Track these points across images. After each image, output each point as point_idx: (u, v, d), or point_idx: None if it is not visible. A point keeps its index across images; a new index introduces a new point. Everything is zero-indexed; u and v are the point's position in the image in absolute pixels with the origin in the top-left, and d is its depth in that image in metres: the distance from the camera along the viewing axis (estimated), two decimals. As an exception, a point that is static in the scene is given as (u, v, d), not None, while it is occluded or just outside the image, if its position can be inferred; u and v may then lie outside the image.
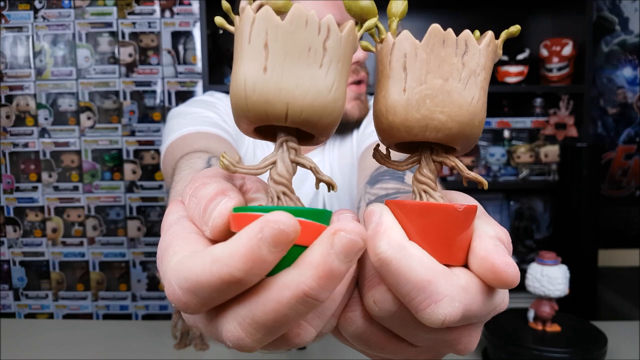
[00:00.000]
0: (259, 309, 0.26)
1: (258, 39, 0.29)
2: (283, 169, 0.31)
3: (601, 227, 2.18)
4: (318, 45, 0.29)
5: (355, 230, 0.25)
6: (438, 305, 0.27)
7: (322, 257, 0.25)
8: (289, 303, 0.25)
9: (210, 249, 0.26)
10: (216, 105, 1.01)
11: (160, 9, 2.31)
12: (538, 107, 2.22)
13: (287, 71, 0.29)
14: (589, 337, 0.84)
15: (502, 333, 0.85)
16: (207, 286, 0.26)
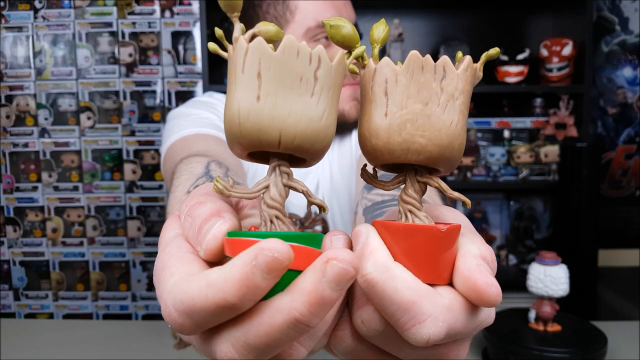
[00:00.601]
0: (251, 332, 0.27)
1: (251, 68, 0.30)
2: (276, 193, 0.32)
3: (601, 227, 2.19)
4: (309, 74, 0.30)
5: (347, 259, 0.26)
6: (422, 325, 0.28)
7: (314, 284, 0.26)
8: (280, 327, 0.26)
9: (206, 273, 0.27)
10: (215, 106, 1.02)
11: (160, 9, 2.31)
12: (538, 107, 2.22)
13: (280, 100, 0.30)
14: (589, 337, 0.84)
15: (501, 333, 0.85)
16: (202, 310, 0.26)
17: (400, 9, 2.27)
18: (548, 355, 0.79)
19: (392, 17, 2.12)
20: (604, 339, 0.83)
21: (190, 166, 0.66)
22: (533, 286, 0.87)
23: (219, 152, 0.78)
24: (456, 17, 2.31)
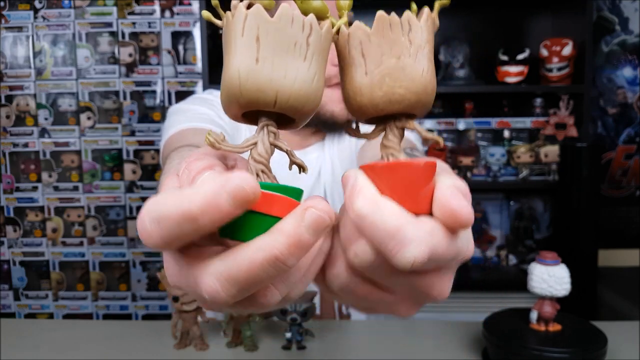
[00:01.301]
0: (234, 266, 0.30)
1: (250, 33, 0.32)
2: (262, 150, 0.35)
3: (601, 227, 2.19)
4: (302, 40, 0.33)
5: (324, 209, 0.30)
6: (407, 249, 0.30)
7: (293, 228, 0.29)
8: (261, 264, 0.29)
9: (180, 189, 0.30)
10: (213, 103, 1.05)
11: (160, 9, 2.31)
12: (538, 107, 2.22)
13: (277, 63, 0.33)
14: (589, 337, 0.84)
15: (501, 333, 0.85)
16: (168, 218, 0.29)
17: (400, 9, 2.26)
18: (548, 355, 0.79)
19: (392, 17, 2.12)
20: (604, 339, 0.83)
21: (182, 152, 0.68)
22: (536, 287, 0.86)
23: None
24: (456, 17, 2.31)
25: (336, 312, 1.19)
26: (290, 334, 0.92)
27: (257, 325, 0.93)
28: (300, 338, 0.92)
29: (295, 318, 0.89)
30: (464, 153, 2.11)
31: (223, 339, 0.94)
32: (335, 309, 1.20)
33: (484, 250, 2.23)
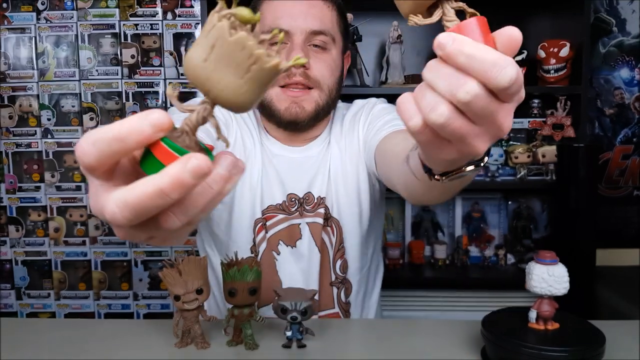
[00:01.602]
0: (129, 194, 0.38)
1: (211, 39, 0.40)
2: (194, 118, 0.42)
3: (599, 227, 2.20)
4: (245, 65, 0.40)
5: (204, 160, 0.38)
6: (505, 70, 0.41)
7: (177, 170, 0.37)
8: (149, 194, 0.37)
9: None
10: None
11: (162, 11, 2.33)
12: (535, 108, 2.23)
13: (218, 70, 0.40)
14: (587, 336, 0.84)
15: (500, 332, 0.85)
16: (102, 139, 0.39)
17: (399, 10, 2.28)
18: (546, 354, 0.79)
19: (391, 19, 2.13)
20: (602, 338, 0.83)
21: None
22: (537, 286, 0.85)
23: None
24: (455, 18, 2.32)
25: (335, 302, 1.21)
26: (290, 333, 0.92)
27: (258, 324, 0.94)
28: (300, 337, 0.93)
29: (295, 317, 0.90)
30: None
31: (224, 337, 0.94)
32: (334, 299, 1.22)
33: (482, 249, 2.25)
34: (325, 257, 1.20)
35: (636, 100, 2.36)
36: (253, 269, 0.89)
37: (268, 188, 1.19)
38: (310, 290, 0.94)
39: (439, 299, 2.24)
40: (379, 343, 0.97)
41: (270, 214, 1.19)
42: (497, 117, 0.45)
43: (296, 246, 1.20)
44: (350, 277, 1.24)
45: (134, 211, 0.38)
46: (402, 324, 1.11)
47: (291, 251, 1.20)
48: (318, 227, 1.20)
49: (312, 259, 1.19)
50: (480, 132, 0.46)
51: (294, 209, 1.20)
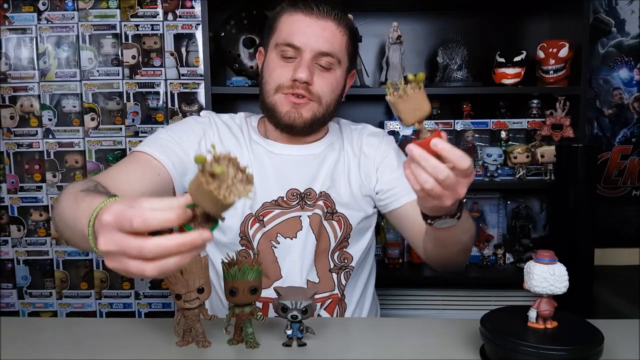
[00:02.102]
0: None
1: (196, 181, 0.63)
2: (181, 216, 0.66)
3: (597, 227, 2.21)
4: (214, 201, 0.62)
5: (200, 236, 0.64)
6: (466, 161, 0.81)
7: (178, 240, 0.63)
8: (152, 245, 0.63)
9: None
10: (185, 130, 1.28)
11: (163, 11, 2.34)
12: (534, 108, 2.24)
13: (201, 199, 0.63)
14: (586, 335, 0.84)
15: (498, 330, 0.85)
16: (156, 218, 0.65)
17: (399, 11, 2.29)
18: (545, 352, 0.79)
19: (391, 20, 2.14)
20: (600, 337, 0.83)
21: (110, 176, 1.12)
22: (538, 286, 0.85)
23: (122, 184, 1.09)
24: (454, 19, 2.33)
25: (335, 284, 1.28)
26: (291, 332, 0.93)
27: (259, 323, 0.95)
28: (300, 335, 0.93)
29: (295, 315, 0.91)
30: (462, 153, 2.13)
31: (225, 336, 0.95)
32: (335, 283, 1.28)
33: (481, 249, 2.25)
34: (324, 245, 1.27)
35: (635, 100, 2.37)
36: (254, 268, 0.90)
37: (262, 187, 1.26)
38: (310, 289, 0.95)
39: (438, 298, 2.25)
40: (379, 342, 0.98)
41: (265, 211, 1.25)
42: (457, 188, 0.85)
43: (296, 237, 1.26)
44: (349, 266, 1.31)
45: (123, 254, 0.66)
46: (402, 322, 1.12)
47: (290, 242, 1.25)
48: (317, 218, 1.26)
49: (308, 246, 1.25)
50: (449, 194, 0.85)
51: (294, 202, 1.27)
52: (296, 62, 1.20)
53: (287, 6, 1.24)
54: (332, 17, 1.21)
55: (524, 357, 0.81)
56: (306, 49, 1.19)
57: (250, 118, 1.39)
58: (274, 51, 1.23)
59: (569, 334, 0.85)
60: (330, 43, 1.21)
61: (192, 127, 1.29)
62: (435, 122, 2.21)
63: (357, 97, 2.29)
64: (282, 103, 1.23)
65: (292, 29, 1.20)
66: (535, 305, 0.87)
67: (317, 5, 1.20)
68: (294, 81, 1.20)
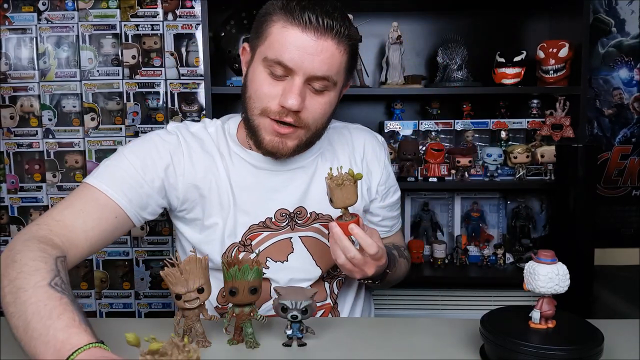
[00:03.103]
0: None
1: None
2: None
3: (597, 227, 2.21)
4: None
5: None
6: (374, 247, 1.01)
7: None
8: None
9: None
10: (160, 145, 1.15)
11: (163, 11, 2.34)
12: (534, 108, 2.24)
13: None
14: (586, 335, 0.84)
15: (498, 330, 0.85)
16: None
17: (399, 11, 2.29)
18: (545, 352, 0.79)
19: (390, 20, 2.14)
20: (600, 336, 0.83)
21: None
22: (544, 287, 0.83)
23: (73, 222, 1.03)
24: (454, 19, 2.33)
25: (327, 294, 1.25)
26: (291, 331, 0.93)
27: (259, 323, 0.95)
28: (301, 335, 0.94)
29: (295, 315, 0.91)
30: (462, 153, 2.14)
31: (225, 336, 0.95)
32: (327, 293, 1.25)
33: (481, 249, 2.25)
34: (327, 262, 1.22)
35: (635, 100, 2.37)
36: (254, 268, 0.90)
37: (248, 208, 1.17)
38: (310, 290, 0.95)
39: (438, 298, 2.25)
40: (379, 342, 0.98)
41: (253, 234, 1.18)
42: (364, 267, 1.03)
43: (288, 260, 1.20)
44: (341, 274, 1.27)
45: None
46: (402, 322, 1.12)
47: (281, 266, 1.20)
48: (313, 241, 1.21)
49: (311, 274, 1.21)
50: (357, 270, 1.04)
51: (284, 223, 1.19)
52: (286, 84, 1.05)
53: (281, 12, 1.03)
54: (332, 35, 1.02)
55: (524, 357, 0.81)
56: (299, 72, 1.03)
57: (228, 123, 1.23)
58: (261, 64, 1.06)
59: (569, 334, 0.85)
60: (328, 66, 1.04)
61: (159, 151, 1.14)
62: (435, 122, 2.21)
63: (357, 97, 2.30)
64: (267, 129, 1.09)
65: (285, 46, 1.02)
66: (538, 306, 0.86)
67: (317, 19, 1.01)
68: (282, 107, 1.05)
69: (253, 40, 1.11)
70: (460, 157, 2.13)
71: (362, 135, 1.33)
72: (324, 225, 1.21)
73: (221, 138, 1.21)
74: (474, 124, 2.22)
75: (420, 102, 2.39)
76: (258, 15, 1.10)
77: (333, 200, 0.99)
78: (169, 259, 0.89)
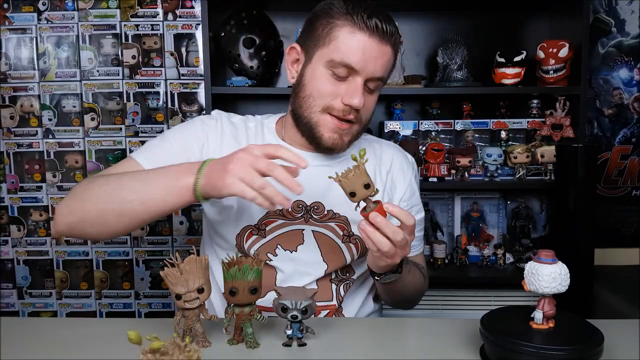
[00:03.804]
0: None
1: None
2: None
3: (597, 227, 2.21)
4: None
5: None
6: (412, 217, 1.00)
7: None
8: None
9: None
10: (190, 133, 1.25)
11: (163, 11, 2.34)
12: (534, 108, 2.24)
13: None
14: (586, 335, 0.84)
15: (498, 330, 0.85)
16: None
17: (399, 11, 2.29)
18: (545, 352, 0.79)
19: (391, 20, 2.14)
20: (600, 337, 0.83)
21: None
22: (548, 287, 0.83)
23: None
24: (454, 19, 2.33)
25: (333, 295, 1.25)
26: (291, 331, 0.93)
27: (259, 323, 0.95)
28: (301, 335, 0.93)
29: (295, 315, 0.91)
30: (462, 153, 2.14)
31: (225, 336, 0.94)
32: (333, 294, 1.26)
33: (481, 249, 2.25)
34: (337, 263, 1.24)
35: (635, 100, 2.37)
36: (254, 268, 0.90)
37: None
38: (310, 289, 0.95)
39: (438, 298, 2.25)
40: (379, 342, 0.98)
41: (269, 219, 1.22)
42: (406, 247, 1.01)
43: (297, 251, 1.22)
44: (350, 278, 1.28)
45: None
46: (402, 322, 1.12)
47: (289, 255, 1.22)
48: (325, 238, 1.23)
49: (316, 269, 1.23)
50: (400, 253, 1.00)
51: (299, 215, 1.23)
52: (348, 84, 1.13)
53: (347, 17, 1.11)
54: (391, 40, 1.13)
55: (524, 357, 0.81)
56: (362, 73, 1.12)
57: (268, 120, 1.33)
58: (324, 65, 1.14)
59: (569, 334, 0.85)
60: (385, 68, 1.15)
61: (197, 133, 1.24)
62: (435, 122, 2.22)
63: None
64: (328, 125, 1.17)
65: (353, 50, 1.11)
66: (540, 306, 0.86)
67: (381, 25, 1.10)
68: (345, 105, 1.14)
69: (309, 43, 1.18)
70: (460, 157, 2.13)
71: (392, 151, 1.38)
72: (340, 226, 1.23)
73: (258, 133, 1.29)
74: (474, 124, 2.22)
75: (420, 102, 2.39)
76: (312, 20, 1.17)
77: (351, 192, 0.95)
78: (169, 259, 0.89)
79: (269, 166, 0.93)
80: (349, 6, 1.12)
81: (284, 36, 2.29)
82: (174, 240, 2.43)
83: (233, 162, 0.94)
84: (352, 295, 1.30)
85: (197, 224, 2.43)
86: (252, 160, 0.93)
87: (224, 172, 0.94)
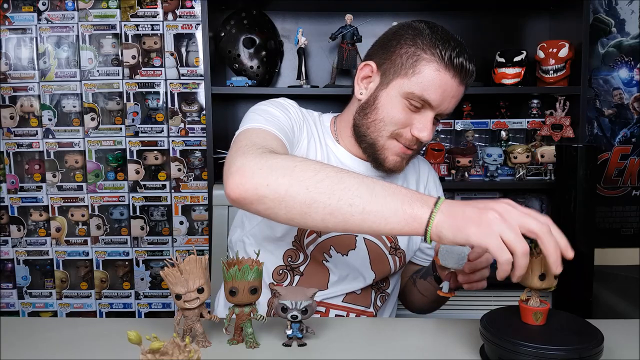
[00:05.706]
0: None
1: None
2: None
3: (597, 227, 2.21)
4: None
5: None
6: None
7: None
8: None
9: None
10: (288, 109, 1.20)
11: (163, 11, 2.34)
12: (534, 108, 2.24)
13: None
14: (586, 335, 0.84)
15: (498, 330, 0.85)
16: None
17: (399, 11, 2.29)
18: (544, 352, 0.79)
19: (390, 20, 2.13)
20: (600, 337, 0.83)
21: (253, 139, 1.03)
22: (456, 263, 1.00)
23: (272, 145, 1.03)
24: (454, 19, 2.33)
25: (371, 302, 1.30)
26: (291, 332, 0.93)
27: (259, 323, 0.95)
28: (301, 335, 0.93)
29: (295, 315, 0.91)
30: (462, 153, 2.14)
31: (225, 336, 0.94)
32: (371, 301, 1.30)
33: (481, 249, 2.25)
34: (382, 272, 1.27)
35: (635, 100, 2.37)
36: (254, 268, 0.90)
37: None
38: (310, 289, 0.95)
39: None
40: (379, 341, 0.98)
41: None
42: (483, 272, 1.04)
43: (348, 255, 1.24)
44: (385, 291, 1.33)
45: None
46: (402, 322, 1.12)
47: (341, 259, 1.24)
48: (374, 247, 1.25)
49: (367, 275, 1.25)
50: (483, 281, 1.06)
51: None
52: (420, 117, 1.14)
53: (435, 53, 1.10)
54: (468, 80, 1.15)
55: (523, 357, 0.81)
56: (436, 109, 1.13)
57: (322, 117, 1.32)
58: (400, 94, 1.13)
59: (569, 334, 0.85)
60: (455, 106, 1.16)
61: (288, 109, 1.21)
62: (435, 122, 2.21)
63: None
64: (394, 151, 1.18)
65: (434, 87, 1.10)
66: (448, 278, 1.11)
67: (466, 66, 1.12)
68: (414, 136, 1.15)
69: (388, 67, 1.15)
70: (460, 157, 2.13)
71: (427, 166, 1.42)
72: (388, 238, 1.27)
73: (319, 128, 1.28)
74: (474, 124, 2.22)
75: (420, 102, 2.39)
76: (394, 44, 1.16)
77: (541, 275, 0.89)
78: (169, 259, 0.89)
79: (542, 229, 0.85)
80: (436, 39, 1.11)
81: (284, 36, 2.29)
82: (174, 240, 2.43)
83: (497, 212, 0.82)
84: (386, 307, 1.36)
85: (197, 224, 2.43)
86: (523, 220, 0.83)
87: (479, 218, 0.82)
